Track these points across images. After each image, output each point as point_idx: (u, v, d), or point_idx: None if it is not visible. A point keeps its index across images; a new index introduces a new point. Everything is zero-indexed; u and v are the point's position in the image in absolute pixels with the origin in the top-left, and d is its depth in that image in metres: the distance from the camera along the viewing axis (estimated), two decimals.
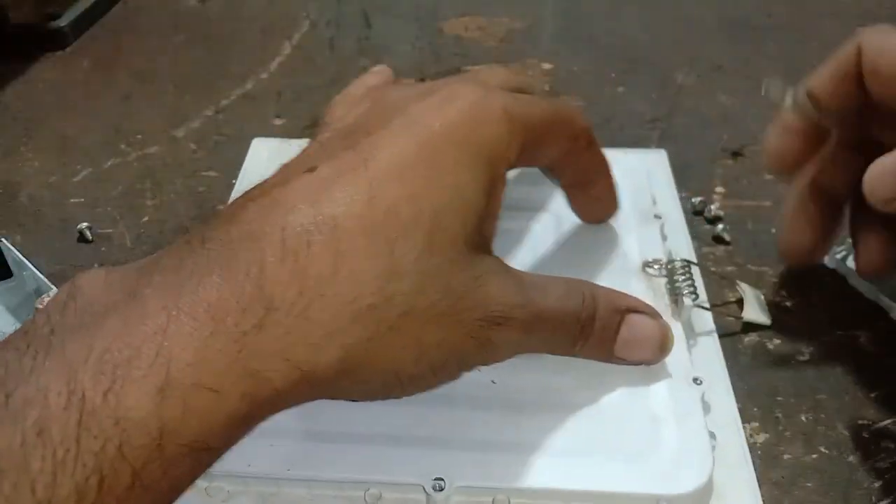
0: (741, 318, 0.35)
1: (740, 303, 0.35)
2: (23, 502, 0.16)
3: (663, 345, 0.29)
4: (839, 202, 0.33)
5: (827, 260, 0.37)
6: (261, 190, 0.23)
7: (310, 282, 0.20)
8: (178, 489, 0.19)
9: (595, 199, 0.33)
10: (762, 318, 0.35)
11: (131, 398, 0.18)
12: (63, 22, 0.55)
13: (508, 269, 0.26)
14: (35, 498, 0.17)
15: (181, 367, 0.18)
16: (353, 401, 0.25)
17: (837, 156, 0.32)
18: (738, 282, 0.36)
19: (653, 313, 0.29)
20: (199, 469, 0.20)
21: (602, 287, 0.28)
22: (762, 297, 0.36)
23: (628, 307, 0.28)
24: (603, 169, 0.32)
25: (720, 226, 0.40)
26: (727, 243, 0.39)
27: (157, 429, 0.18)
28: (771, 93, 0.31)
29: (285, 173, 0.24)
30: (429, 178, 0.23)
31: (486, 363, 0.26)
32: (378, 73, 0.31)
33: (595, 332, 0.27)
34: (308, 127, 0.47)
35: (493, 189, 0.25)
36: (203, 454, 0.19)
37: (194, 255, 0.20)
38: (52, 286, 0.33)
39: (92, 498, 0.17)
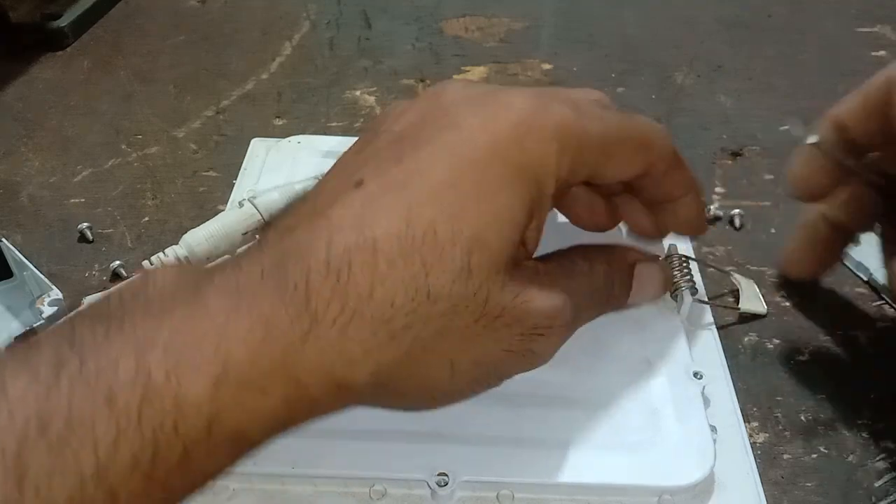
0: (738, 308, 0.35)
1: (736, 296, 0.35)
2: (86, 460, 0.18)
3: (665, 283, 0.31)
4: (848, 236, 0.34)
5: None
6: (313, 202, 0.24)
7: (350, 301, 0.21)
8: (217, 473, 0.21)
9: (677, 219, 0.31)
10: (759, 307, 0.35)
11: (190, 383, 0.19)
12: (63, 22, 0.55)
13: (545, 273, 0.26)
14: (97, 457, 0.18)
15: (235, 364, 0.20)
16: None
17: (856, 195, 0.32)
18: (732, 273, 0.36)
19: (652, 258, 0.31)
20: (237, 458, 0.21)
21: (610, 246, 0.30)
22: (756, 287, 0.36)
23: (635, 259, 0.30)
24: (686, 189, 0.30)
25: (735, 210, 0.41)
26: (737, 228, 0.40)
27: (208, 414, 0.20)
28: (793, 132, 0.30)
29: (336, 183, 0.24)
30: (470, 198, 0.23)
31: (530, 369, 0.26)
32: None
33: (616, 292, 0.29)
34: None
35: (538, 205, 0.25)
36: (243, 445, 0.21)
37: (251, 262, 0.22)
38: (52, 286, 0.33)
39: (145, 468, 0.19)
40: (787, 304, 0.36)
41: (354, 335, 0.21)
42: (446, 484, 0.26)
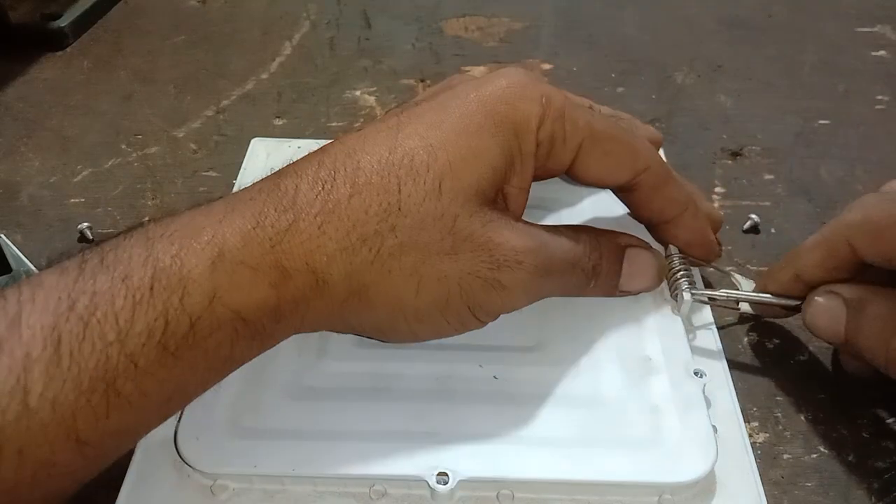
0: (738, 308, 0.35)
1: None
2: (109, 328, 0.22)
3: (659, 273, 0.31)
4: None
5: None
6: (325, 145, 0.27)
7: (329, 203, 0.25)
8: (220, 353, 0.24)
9: (678, 240, 0.32)
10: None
11: (192, 262, 0.23)
12: (63, 22, 0.54)
13: (523, 222, 0.28)
14: (118, 326, 0.22)
15: (230, 248, 0.23)
16: (370, 338, 0.29)
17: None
18: (732, 273, 0.36)
19: (646, 246, 0.31)
20: (236, 341, 0.24)
21: (601, 228, 0.31)
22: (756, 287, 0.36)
23: (627, 244, 0.31)
24: (681, 207, 0.31)
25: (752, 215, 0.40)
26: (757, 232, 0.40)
27: (209, 290, 0.23)
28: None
29: (345, 134, 0.28)
30: (450, 136, 0.26)
31: (505, 308, 0.28)
32: None
33: (603, 271, 0.30)
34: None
35: (518, 157, 0.27)
36: (240, 327, 0.24)
37: (253, 184, 0.26)
38: None
39: (158, 336, 0.22)
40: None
41: (331, 232, 0.25)
42: (446, 483, 0.26)
